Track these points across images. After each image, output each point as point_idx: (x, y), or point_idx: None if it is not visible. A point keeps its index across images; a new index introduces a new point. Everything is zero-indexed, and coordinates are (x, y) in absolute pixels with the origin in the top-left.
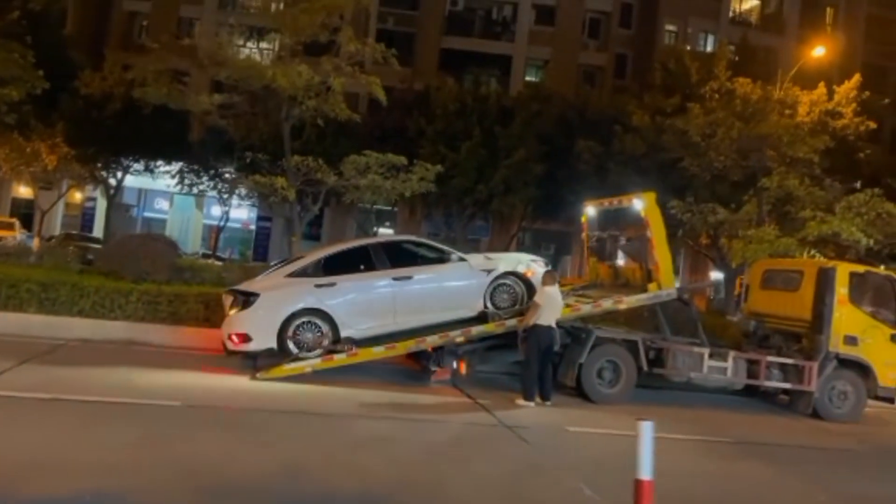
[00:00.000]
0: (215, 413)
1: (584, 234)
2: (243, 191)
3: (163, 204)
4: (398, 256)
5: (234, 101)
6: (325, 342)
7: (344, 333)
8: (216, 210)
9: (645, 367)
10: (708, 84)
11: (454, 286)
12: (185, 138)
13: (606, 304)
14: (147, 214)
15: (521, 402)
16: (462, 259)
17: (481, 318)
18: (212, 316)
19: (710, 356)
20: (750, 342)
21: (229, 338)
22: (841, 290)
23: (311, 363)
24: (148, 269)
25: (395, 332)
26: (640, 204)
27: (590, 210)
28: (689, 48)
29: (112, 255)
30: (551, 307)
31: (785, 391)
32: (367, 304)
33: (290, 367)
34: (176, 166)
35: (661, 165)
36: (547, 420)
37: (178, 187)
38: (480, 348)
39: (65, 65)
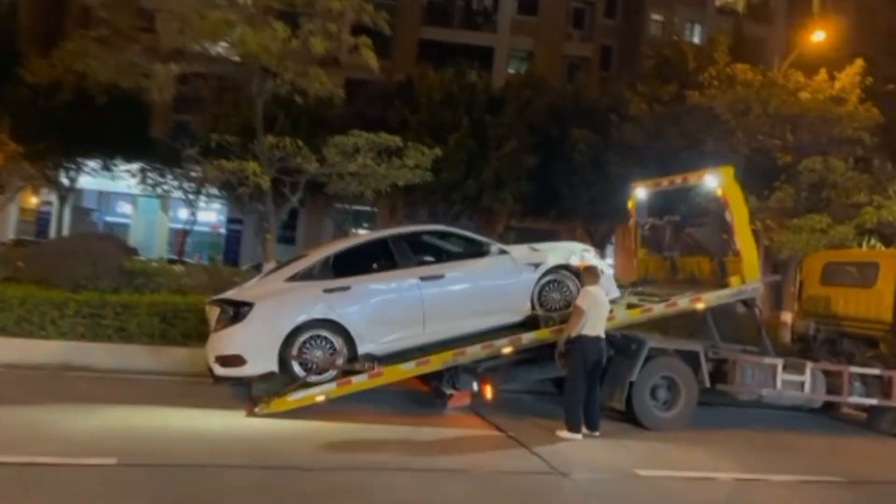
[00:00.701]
0: (163, 477)
1: (631, 222)
2: (211, 189)
3: (125, 207)
4: (425, 251)
5: (198, 73)
6: (340, 361)
7: (362, 349)
8: (183, 213)
9: (707, 384)
10: (707, 70)
11: (495, 285)
12: (146, 134)
13: (682, 302)
14: (109, 219)
15: (564, 434)
16: (503, 252)
17: (530, 322)
18: (170, 330)
19: (785, 369)
20: (812, 349)
21: (217, 361)
22: None
23: (325, 389)
24: (87, 275)
25: (424, 344)
26: (715, 181)
27: (640, 193)
28: (676, 38)
29: (45, 259)
30: (597, 312)
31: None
32: (390, 311)
33: (297, 398)
34: (137, 165)
35: (662, 156)
36: (607, 460)
37: (141, 188)
38: (505, 364)
39: (14, 57)
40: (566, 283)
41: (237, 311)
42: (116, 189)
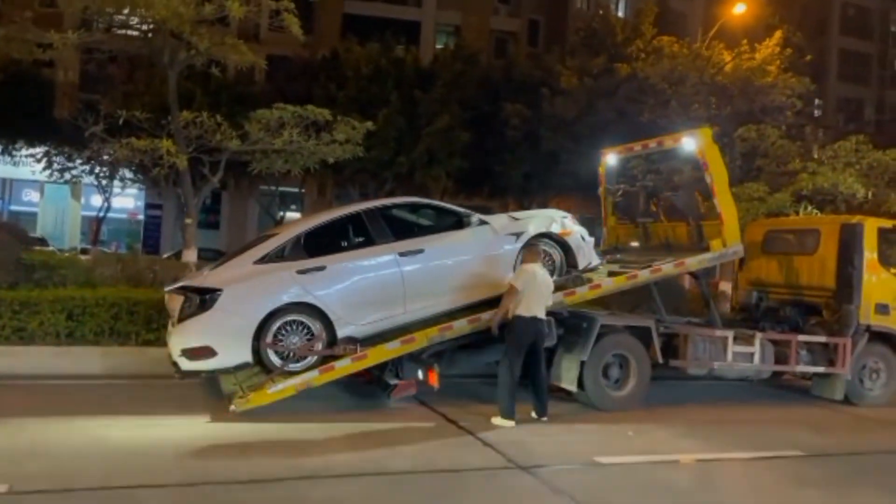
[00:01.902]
0: None
1: (601, 189)
2: (126, 173)
3: (32, 195)
4: (402, 225)
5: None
6: (318, 347)
7: (341, 333)
8: (97, 199)
9: (659, 360)
10: (634, 43)
11: (477, 258)
12: (50, 115)
13: (667, 267)
14: (14, 208)
15: (497, 420)
16: (483, 222)
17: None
18: (78, 328)
19: (735, 340)
20: (755, 318)
21: (184, 354)
22: (870, 249)
23: (307, 378)
24: None
25: (406, 323)
26: (693, 143)
27: (610, 159)
28: (601, 12)
29: None
30: (535, 291)
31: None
32: (370, 290)
33: (277, 390)
34: (42, 149)
35: (594, 129)
36: (564, 449)
37: (48, 174)
38: (449, 349)
39: None
40: (549, 251)
41: (203, 299)
42: (21, 175)
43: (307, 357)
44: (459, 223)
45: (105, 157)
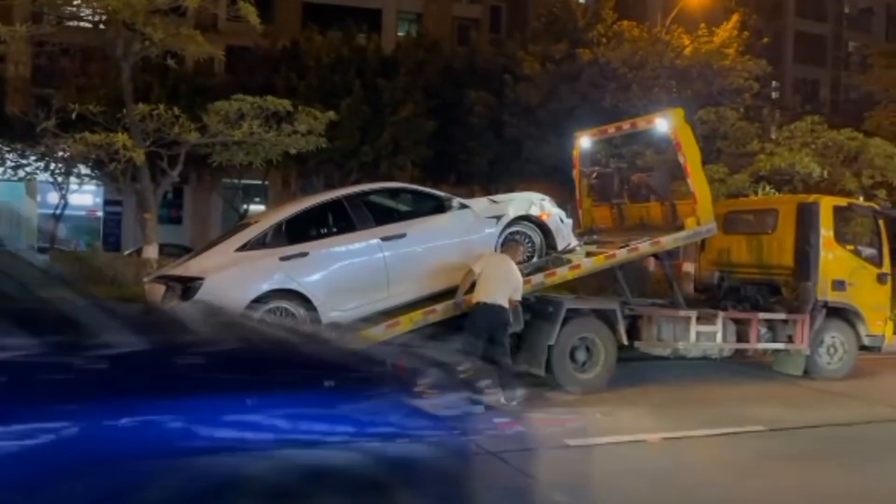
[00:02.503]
0: None
1: (575, 172)
2: (82, 169)
3: None
4: (383, 210)
5: (53, 33)
6: None
7: (326, 318)
8: (53, 197)
9: (624, 342)
10: (595, 28)
11: (459, 241)
12: (1, 111)
13: (644, 246)
14: None
15: None
16: (464, 206)
17: None
18: None
19: (698, 320)
20: (717, 298)
21: None
22: (826, 227)
23: None
24: None
25: (389, 307)
26: (666, 124)
27: (584, 142)
28: None
29: None
30: (490, 275)
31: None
32: (353, 276)
33: None
34: None
35: (557, 114)
36: (534, 432)
37: (0, 171)
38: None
39: None
40: (529, 234)
41: (186, 288)
42: None
43: None
44: (440, 207)
45: (60, 154)
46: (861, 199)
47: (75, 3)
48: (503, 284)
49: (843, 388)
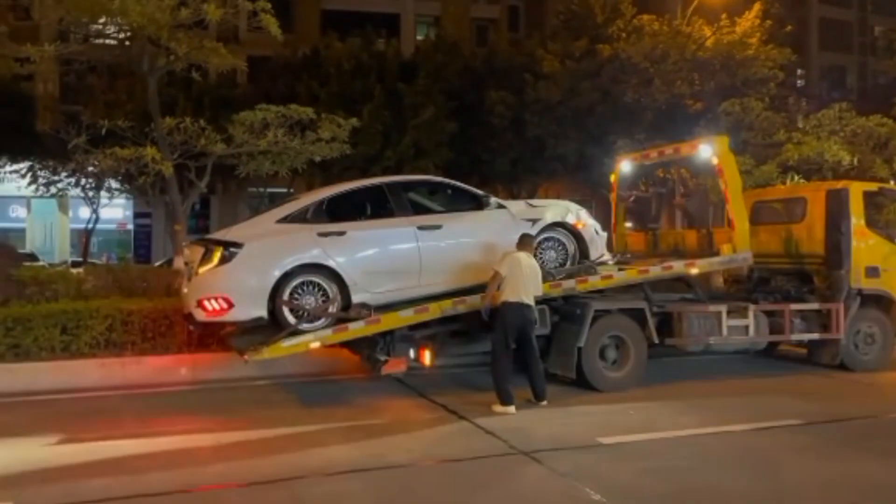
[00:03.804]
0: None
1: (613, 196)
2: (112, 184)
3: (19, 211)
4: (422, 200)
5: (80, 51)
6: (333, 309)
7: (355, 298)
8: (85, 212)
9: (655, 340)
10: (615, 23)
11: (493, 240)
12: (32, 129)
13: (678, 266)
14: (2, 225)
15: (497, 408)
16: (501, 206)
17: None
18: (74, 342)
19: (729, 314)
20: (748, 290)
21: (199, 304)
22: (856, 213)
23: (320, 335)
24: None
25: (418, 297)
26: (709, 150)
27: (625, 166)
28: None
29: None
30: (518, 276)
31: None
32: (387, 260)
33: (291, 344)
34: (26, 164)
35: (577, 112)
36: (566, 431)
37: (33, 188)
38: (442, 333)
39: None
40: (563, 241)
41: (225, 252)
42: (6, 192)
43: (321, 319)
44: (478, 205)
45: (90, 169)
46: (893, 183)
47: (101, 21)
48: (530, 283)
49: (881, 380)
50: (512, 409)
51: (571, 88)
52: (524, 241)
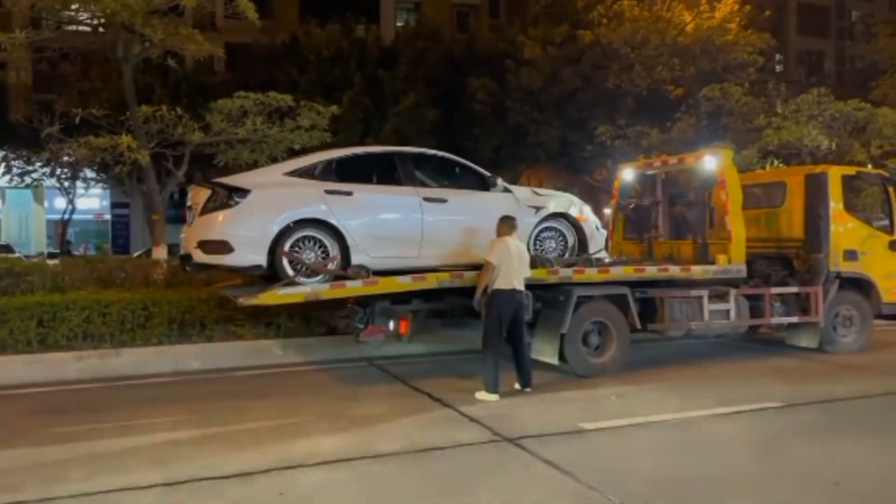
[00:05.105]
0: None
1: (613, 203)
2: (88, 173)
3: None
4: (429, 173)
5: (52, 38)
6: (331, 266)
7: (355, 259)
8: (61, 202)
9: (637, 325)
10: (595, 9)
11: (496, 221)
12: (5, 118)
13: (674, 269)
14: None
15: (481, 395)
16: (507, 189)
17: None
18: (51, 334)
19: (710, 299)
20: None
21: (199, 246)
22: (835, 197)
23: (316, 288)
24: None
25: (415, 267)
26: (714, 162)
27: (627, 174)
28: None
29: None
30: (510, 264)
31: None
32: (390, 226)
33: (286, 293)
34: None
35: (559, 99)
36: (549, 418)
37: (7, 179)
38: (425, 311)
39: None
40: (563, 231)
41: (229, 196)
42: None
43: (318, 275)
44: (485, 185)
45: (65, 158)
46: (870, 167)
47: (74, 7)
48: (521, 269)
49: (859, 361)
50: (496, 397)
51: (553, 75)
52: (506, 223)
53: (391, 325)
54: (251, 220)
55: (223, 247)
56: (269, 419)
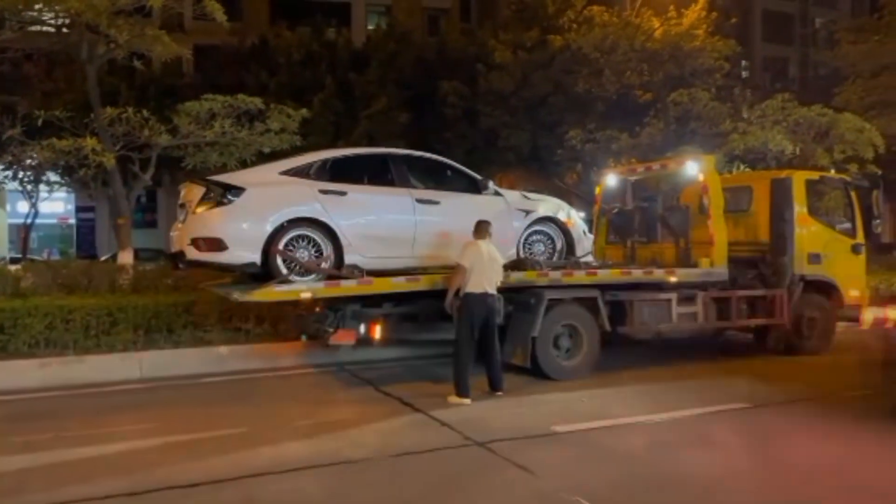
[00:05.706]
0: None
1: (596, 209)
2: (52, 177)
3: None
4: (422, 175)
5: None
6: (325, 266)
7: (348, 259)
8: (24, 206)
9: (607, 328)
10: (565, 14)
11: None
12: None
13: (658, 273)
14: None
15: (453, 399)
16: (498, 193)
17: (511, 267)
18: (11, 341)
19: (679, 302)
20: None
21: (193, 244)
22: (799, 201)
23: (312, 287)
24: None
25: (407, 267)
26: (696, 168)
27: (610, 180)
28: None
29: None
30: (482, 267)
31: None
32: (383, 226)
33: (282, 290)
34: None
35: (529, 103)
36: (521, 421)
37: None
38: (396, 314)
39: None
40: (552, 235)
41: (224, 194)
42: None
43: (312, 274)
44: (476, 188)
45: (28, 161)
46: (833, 172)
47: (37, 6)
48: (493, 273)
49: (824, 362)
50: (467, 400)
51: (524, 79)
52: (481, 228)
53: (362, 328)
54: (246, 218)
55: (217, 244)
56: (237, 426)
